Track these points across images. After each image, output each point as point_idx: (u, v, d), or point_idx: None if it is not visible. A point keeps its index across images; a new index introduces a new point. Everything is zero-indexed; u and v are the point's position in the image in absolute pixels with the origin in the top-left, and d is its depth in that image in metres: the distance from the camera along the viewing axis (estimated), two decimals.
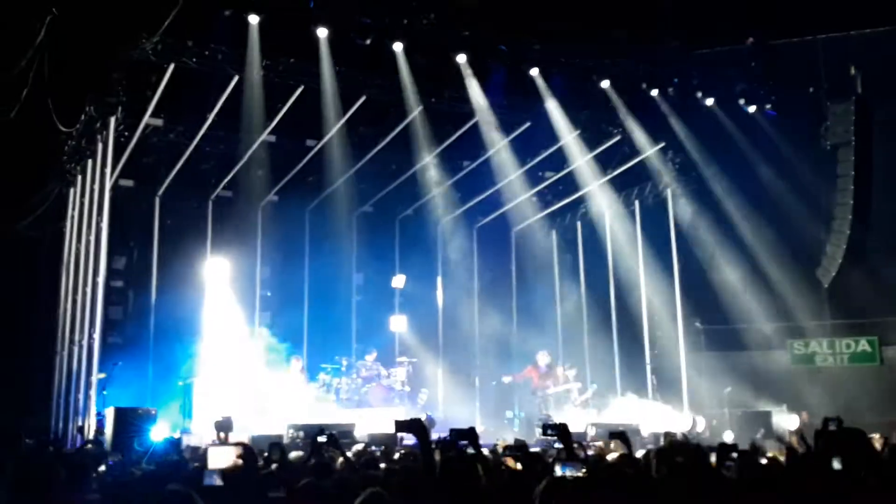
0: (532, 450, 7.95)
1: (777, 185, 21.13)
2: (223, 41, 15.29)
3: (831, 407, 19.30)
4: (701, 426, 18.01)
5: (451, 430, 6.04)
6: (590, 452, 9.91)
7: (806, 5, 20.31)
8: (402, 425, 5.75)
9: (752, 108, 19.49)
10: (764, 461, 6.80)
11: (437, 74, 17.05)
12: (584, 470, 4.93)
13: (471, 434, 5.93)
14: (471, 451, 5.79)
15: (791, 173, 21.13)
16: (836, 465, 5.37)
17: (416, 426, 5.59)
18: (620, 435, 7.12)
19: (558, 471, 4.93)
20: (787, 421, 18.15)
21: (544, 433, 6.20)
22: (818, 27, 20.74)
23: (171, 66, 15.27)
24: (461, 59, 16.71)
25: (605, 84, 18.27)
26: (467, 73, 17.04)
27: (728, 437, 16.64)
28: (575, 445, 5.81)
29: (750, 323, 22.82)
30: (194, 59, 15.27)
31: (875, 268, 21.72)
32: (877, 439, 9.18)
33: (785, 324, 22.80)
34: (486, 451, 7.03)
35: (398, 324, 21.86)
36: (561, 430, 5.82)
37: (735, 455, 6.00)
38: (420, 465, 5.48)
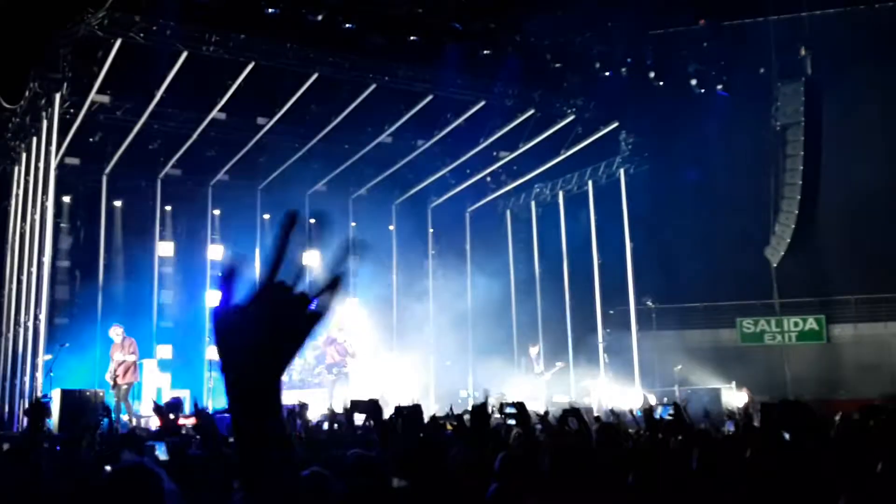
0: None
1: (728, 165, 21.35)
2: (171, 16, 14.97)
3: (779, 384, 19.70)
4: (652, 403, 18.19)
5: (351, 402, 5.88)
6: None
7: None
8: (357, 405, 5.69)
9: (703, 89, 19.64)
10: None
11: (390, 52, 16.88)
12: None
13: (373, 407, 5.73)
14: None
15: (741, 153, 21.37)
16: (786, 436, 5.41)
17: (371, 407, 5.53)
18: (575, 412, 7.10)
19: None
20: (735, 398, 18.43)
21: (501, 412, 6.15)
22: (769, 8, 20.90)
23: (118, 42, 14.92)
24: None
25: (559, 64, 18.27)
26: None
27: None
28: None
29: (700, 301, 23.10)
30: (142, 35, 14.94)
31: (823, 247, 22.09)
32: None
33: (734, 302, 23.11)
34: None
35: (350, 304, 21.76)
36: (518, 409, 5.78)
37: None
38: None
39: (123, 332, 15.96)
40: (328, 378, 18.24)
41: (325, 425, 9.88)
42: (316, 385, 18.50)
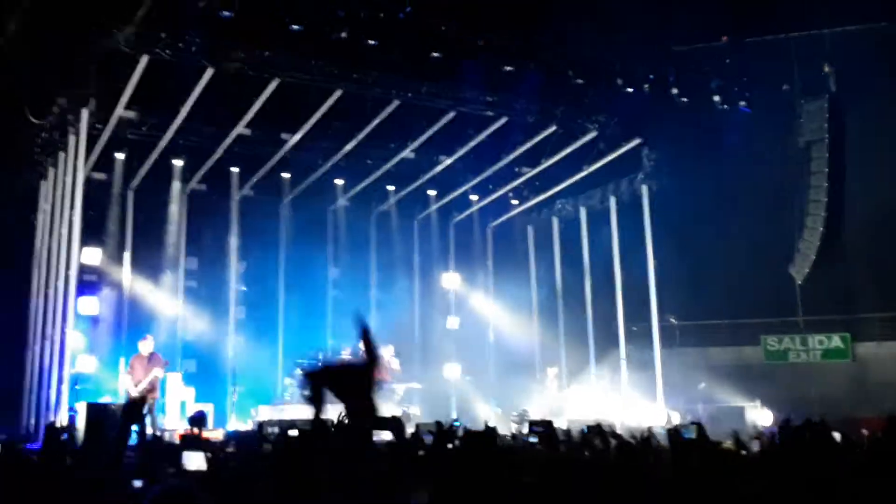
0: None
1: (751, 181, 21.24)
2: (197, 33, 15.11)
3: (804, 403, 19.48)
4: (676, 421, 18.08)
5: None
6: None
7: (780, 3, 20.40)
8: (379, 421, 5.70)
9: (726, 105, 19.57)
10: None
11: (413, 69, 16.96)
12: None
13: (396, 423, 5.74)
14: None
15: (765, 170, 21.24)
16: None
17: (393, 422, 5.56)
18: (598, 430, 7.11)
19: None
20: (760, 416, 18.30)
21: (530, 429, 6.10)
22: (792, 25, 20.83)
23: (145, 58, 15.09)
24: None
25: (581, 80, 18.26)
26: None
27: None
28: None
29: (724, 319, 22.94)
30: (168, 51, 15.09)
31: (848, 265, 21.89)
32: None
33: (759, 320, 22.92)
34: None
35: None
36: (546, 427, 5.76)
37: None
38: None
39: (153, 346, 16.01)
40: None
41: None
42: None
